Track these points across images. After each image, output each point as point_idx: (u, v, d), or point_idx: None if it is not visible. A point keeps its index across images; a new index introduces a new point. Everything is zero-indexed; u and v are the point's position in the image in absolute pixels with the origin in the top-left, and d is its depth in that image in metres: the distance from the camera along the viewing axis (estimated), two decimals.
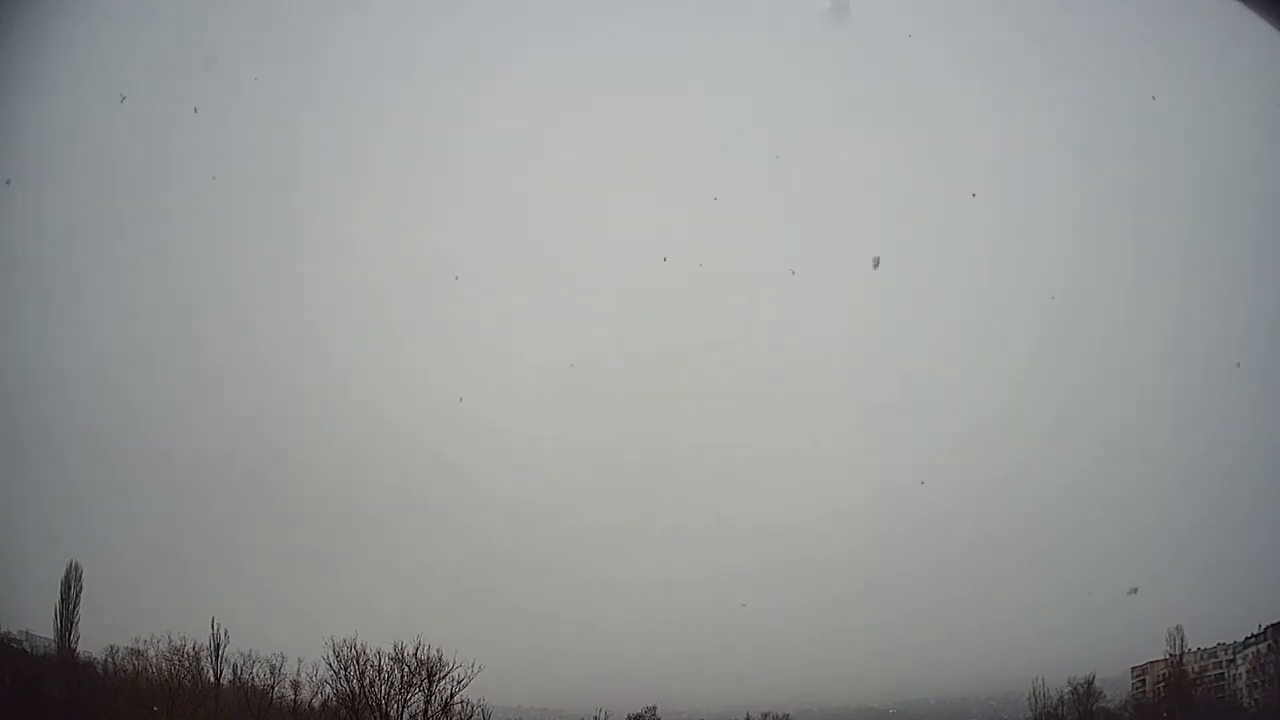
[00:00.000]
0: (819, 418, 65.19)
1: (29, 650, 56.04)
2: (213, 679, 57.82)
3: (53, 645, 56.27)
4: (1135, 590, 53.20)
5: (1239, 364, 54.48)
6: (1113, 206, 63.59)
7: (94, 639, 56.83)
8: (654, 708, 65.02)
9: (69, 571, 56.03)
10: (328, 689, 58.55)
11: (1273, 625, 59.20)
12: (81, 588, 56.23)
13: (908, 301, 65.05)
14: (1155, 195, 62.02)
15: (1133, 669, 64.60)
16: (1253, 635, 60.57)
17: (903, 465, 62.84)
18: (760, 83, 63.21)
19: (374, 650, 58.10)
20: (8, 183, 48.60)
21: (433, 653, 58.28)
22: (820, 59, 60.07)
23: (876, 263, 53.94)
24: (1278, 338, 57.99)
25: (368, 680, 58.27)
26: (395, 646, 58.09)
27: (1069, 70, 62.19)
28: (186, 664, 56.85)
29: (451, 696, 58.59)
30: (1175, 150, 60.39)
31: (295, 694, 59.48)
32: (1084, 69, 62.28)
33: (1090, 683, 62.74)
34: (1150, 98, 60.81)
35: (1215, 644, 62.64)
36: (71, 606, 56.02)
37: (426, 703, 58.67)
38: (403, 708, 58.68)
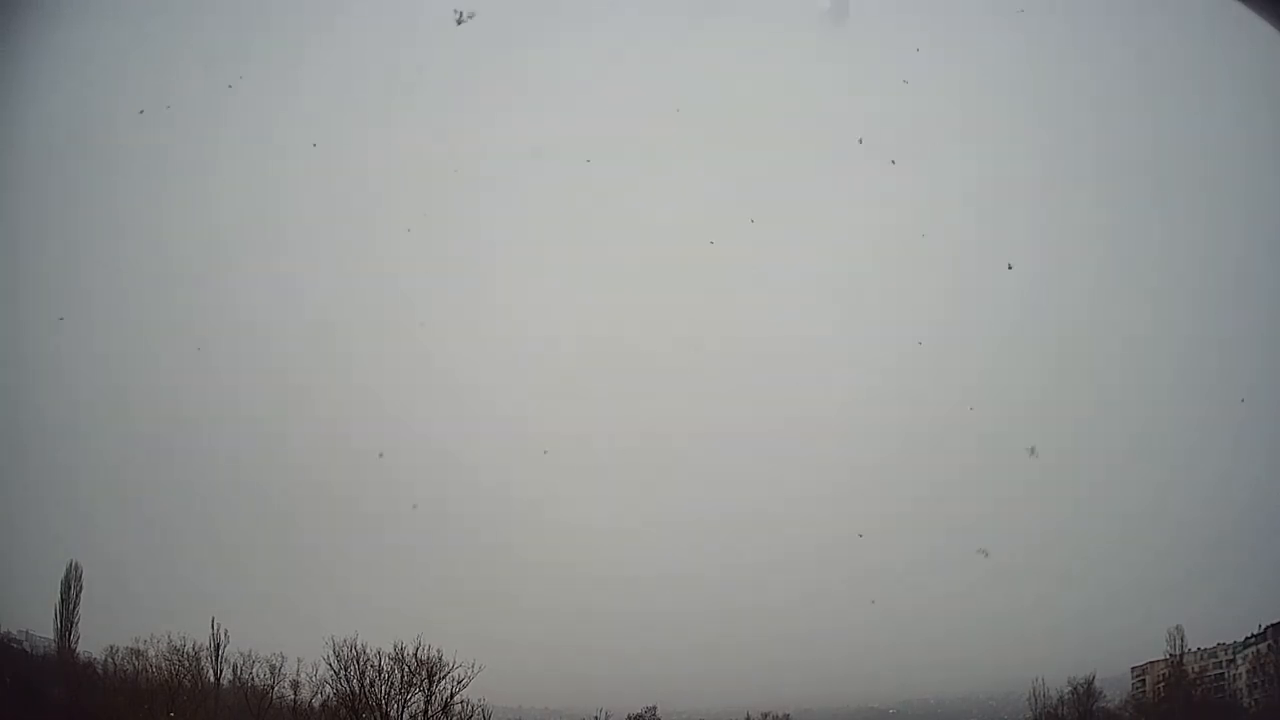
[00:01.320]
0: (820, 416, 65.20)
1: (29, 650, 56.04)
2: (213, 679, 57.90)
3: (53, 645, 56.29)
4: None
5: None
6: (1109, 206, 63.59)
7: (94, 639, 56.95)
8: (654, 708, 65.08)
9: (69, 571, 56.07)
10: (328, 689, 58.74)
11: (1273, 625, 59.20)
12: (81, 588, 56.30)
13: (911, 301, 65.04)
14: (1153, 196, 62.05)
15: (1133, 669, 64.60)
16: (1253, 635, 60.58)
17: (903, 465, 62.81)
18: (761, 81, 63.16)
19: (374, 650, 58.30)
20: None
21: (433, 653, 58.45)
22: (820, 57, 59.97)
23: None
24: (1277, 337, 58.01)
25: (368, 680, 58.38)
26: (395, 646, 58.25)
27: (1066, 70, 62.14)
28: (186, 664, 56.98)
29: (451, 696, 58.66)
30: (1175, 150, 60.41)
31: (295, 694, 59.61)
32: (1081, 69, 62.23)
33: (1090, 683, 62.76)
34: (1148, 97, 60.94)
35: (1215, 644, 62.69)
36: (71, 606, 56.04)
37: (426, 703, 58.75)
38: (403, 708, 58.75)
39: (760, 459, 63.39)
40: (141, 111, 58.61)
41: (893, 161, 58.97)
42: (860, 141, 58.33)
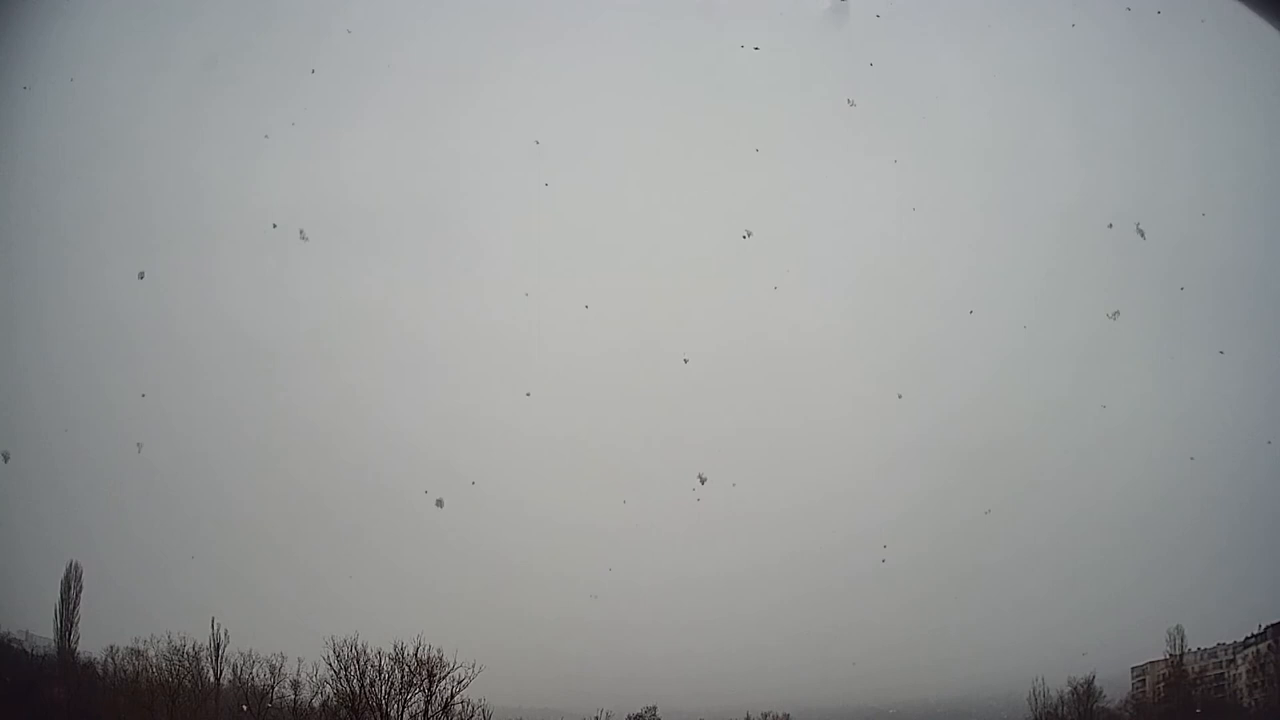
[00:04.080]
0: (820, 413, 65.14)
1: (29, 650, 56.07)
2: (213, 679, 57.92)
3: (53, 645, 56.31)
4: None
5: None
6: (1110, 208, 63.48)
7: (94, 639, 56.96)
8: (654, 708, 65.06)
9: (69, 571, 56.09)
10: (328, 689, 58.79)
11: (1273, 625, 59.24)
12: (81, 588, 56.32)
13: (911, 300, 64.99)
14: (1154, 197, 61.95)
15: (1133, 669, 64.65)
16: (1253, 635, 60.61)
17: (902, 463, 62.77)
18: (761, 82, 63.10)
19: (374, 650, 58.34)
20: None
21: (433, 653, 58.48)
22: (821, 58, 59.96)
23: None
24: (1278, 336, 57.99)
25: (368, 680, 58.42)
26: (395, 646, 58.28)
27: (1066, 71, 62.09)
28: (186, 664, 57.02)
29: (452, 697, 58.71)
30: (1175, 151, 60.40)
31: (295, 694, 59.65)
32: (1081, 69, 62.18)
33: (1090, 683, 62.82)
34: (1149, 98, 60.92)
35: (1215, 644, 62.71)
36: (71, 606, 56.06)
37: (427, 703, 58.78)
38: (403, 708, 58.78)
39: (761, 459, 63.34)
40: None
41: (895, 161, 59.28)
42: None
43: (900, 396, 62.57)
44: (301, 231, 59.89)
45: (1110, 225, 61.94)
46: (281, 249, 64.05)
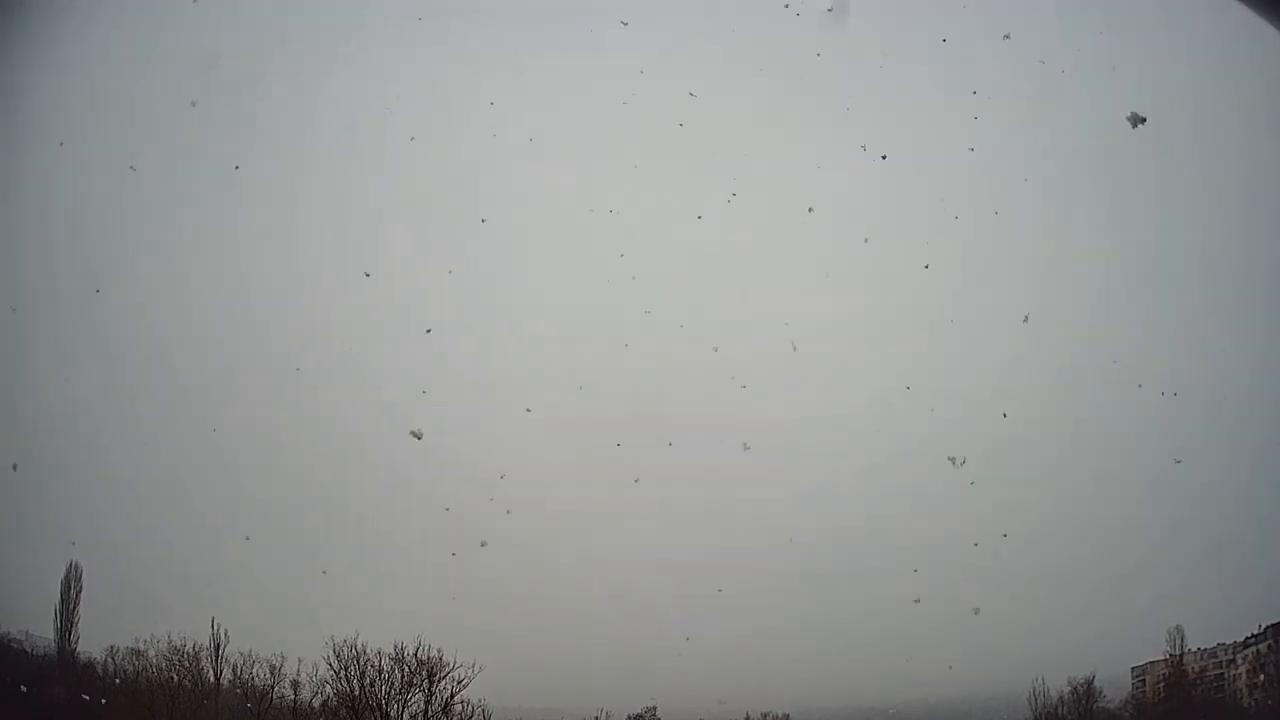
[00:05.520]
0: (822, 409, 65.17)
1: (29, 650, 56.07)
2: (213, 679, 57.96)
3: (53, 645, 56.34)
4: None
5: None
6: (1111, 208, 63.64)
7: (94, 639, 57.01)
8: (654, 708, 65.07)
9: (69, 571, 56.13)
10: (328, 689, 58.84)
11: (1273, 625, 59.23)
12: (81, 588, 56.36)
13: (913, 297, 65.05)
14: (1153, 197, 62.07)
15: (1133, 669, 64.66)
16: (1253, 635, 60.60)
17: (903, 464, 62.77)
18: (761, 82, 63.19)
19: (374, 650, 58.40)
20: None
21: (433, 653, 58.54)
22: (821, 57, 59.97)
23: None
24: (1276, 336, 58.04)
25: (368, 680, 58.47)
26: (395, 646, 58.34)
27: (1065, 70, 62.11)
28: (186, 664, 57.07)
29: (452, 697, 58.76)
30: (1174, 151, 60.40)
31: (295, 694, 59.69)
32: (1081, 69, 62.22)
33: (1090, 683, 62.83)
34: (1146, 98, 61.01)
35: (1215, 644, 62.72)
36: (71, 606, 56.10)
37: (427, 703, 58.82)
38: (403, 708, 58.82)
39: (761, 456, 63.26)
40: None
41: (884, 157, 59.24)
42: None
43: (907, 389, 62.89)
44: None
45: (1113, 228, 62.46)
46: (294, 245, 64.54)
